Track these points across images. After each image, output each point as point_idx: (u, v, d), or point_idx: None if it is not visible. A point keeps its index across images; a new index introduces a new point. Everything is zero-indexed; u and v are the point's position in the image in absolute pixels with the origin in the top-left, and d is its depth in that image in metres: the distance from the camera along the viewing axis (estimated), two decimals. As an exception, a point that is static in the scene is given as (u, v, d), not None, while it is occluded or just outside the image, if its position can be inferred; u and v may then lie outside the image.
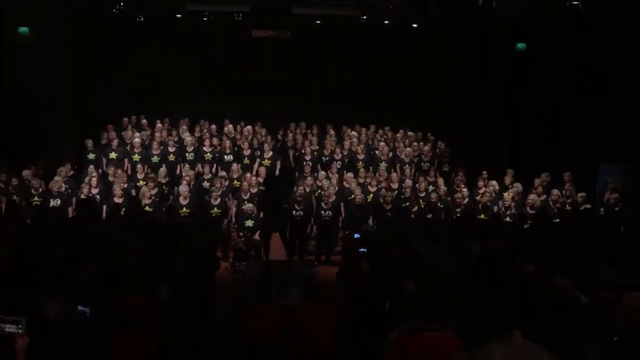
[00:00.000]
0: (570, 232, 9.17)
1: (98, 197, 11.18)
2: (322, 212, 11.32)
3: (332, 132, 15.20)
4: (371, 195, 11.90)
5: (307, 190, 11.77)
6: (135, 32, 15.26)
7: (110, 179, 11.86)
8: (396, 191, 11.96)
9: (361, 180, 12.40)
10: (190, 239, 9.02)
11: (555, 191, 11.45)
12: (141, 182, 11.92)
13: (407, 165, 13.42)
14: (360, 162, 13.53)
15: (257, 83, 16.53)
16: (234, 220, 11.38)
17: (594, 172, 13.47)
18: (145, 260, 7.44)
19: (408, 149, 13.94)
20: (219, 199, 11.25)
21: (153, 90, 16.16)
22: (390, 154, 13.91)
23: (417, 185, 12.08)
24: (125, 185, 11.53)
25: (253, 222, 10.93)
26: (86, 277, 6.32)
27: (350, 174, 12.53)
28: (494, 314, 5.03)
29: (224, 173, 12.17)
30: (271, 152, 13.53)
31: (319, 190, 12.00)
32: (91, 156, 13.04)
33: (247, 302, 6.74)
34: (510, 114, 15.65)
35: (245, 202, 11.20)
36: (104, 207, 11.16)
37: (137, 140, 13.25)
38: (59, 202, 10.88)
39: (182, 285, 6.39)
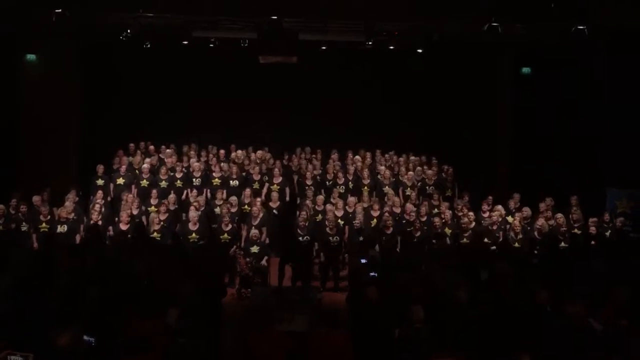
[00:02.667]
0: (580, 257, 9.12)
1: (100, 222, 11.10)
2: (330, 237, 11.24)
3: (335, 157, 15.16)
4: (374, 219, 11.85)
5: (310, 214, 11.73)
6: (142, 58, 15.35)
7: (123, 204, 11.77)
8: (398, 216, 11.90)
9: (365, 205, 12.36)
10: (197, 263, 9.01)
11: (559, 215, 11.35)
12: (153, 207, 11.89)
13: (409, 189, 13.34)
14: (366, 187, 13.48)
15: (264, 108, 16.53)
16: (242, 245, 11.33)
17: (601, 196, 13.43)
18: (153, 284, 7.42)
19: (410, 172, 13.87)
20: (229, 225, 11.21)
21: (160, 115, 16.17)
22: (394, 179, 13.84)
23: (418, 209, 12.02)
24: (136, 212, 11.51)
25: (259, 248, 10.89)
26: (92, 304, 6.30)
27: (353, 199, 12.48)
28: (502, 339, 4.98)
29: (234, 198, 12.15)
30: (281, 178, 13.47)
31: (319, 215, 11.97)
32: (100, 182, 12.93)
33: (253, 328, 6.66)
34: (516, 138, 15.64)
35: (253, 228, 11.17)
36: (107, 233, 11.15)
37: (145, 166, 13.18)
38: (66, 228, 10.86)
39: (190, 310, 6.36)
